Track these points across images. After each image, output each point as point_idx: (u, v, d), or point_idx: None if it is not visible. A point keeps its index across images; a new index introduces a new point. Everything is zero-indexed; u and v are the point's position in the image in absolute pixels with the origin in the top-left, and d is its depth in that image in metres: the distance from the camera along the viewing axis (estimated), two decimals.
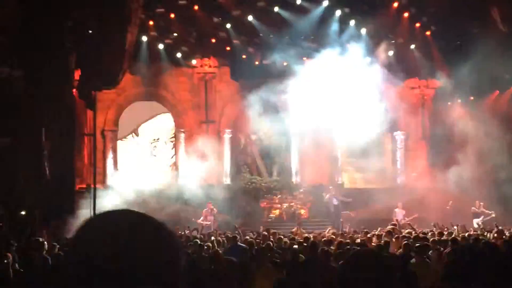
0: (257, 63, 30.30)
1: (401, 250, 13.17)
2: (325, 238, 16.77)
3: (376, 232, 19.99)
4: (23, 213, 21.10)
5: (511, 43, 24.27)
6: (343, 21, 29.22)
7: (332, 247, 13.71)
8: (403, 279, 8.98)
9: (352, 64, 29.75)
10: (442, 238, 15.83)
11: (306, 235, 19.12)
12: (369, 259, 3.18)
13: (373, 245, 15.07)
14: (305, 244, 14.64)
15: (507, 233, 17.17)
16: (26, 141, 21.57)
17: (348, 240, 16.20)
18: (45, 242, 13.71)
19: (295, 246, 14.15)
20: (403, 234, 17.86)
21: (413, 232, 18.74)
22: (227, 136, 32.36)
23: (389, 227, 20.64)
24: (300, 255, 12.89)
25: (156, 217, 1.72)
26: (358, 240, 15.79)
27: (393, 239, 16.27)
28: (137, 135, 32.78)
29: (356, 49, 29.71)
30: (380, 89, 30.26)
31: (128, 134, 32.69)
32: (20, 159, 21.37)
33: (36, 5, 21.42)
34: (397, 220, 26.31)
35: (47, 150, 22.29)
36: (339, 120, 31.63)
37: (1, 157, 21.15)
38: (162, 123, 33.11)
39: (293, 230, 22.42)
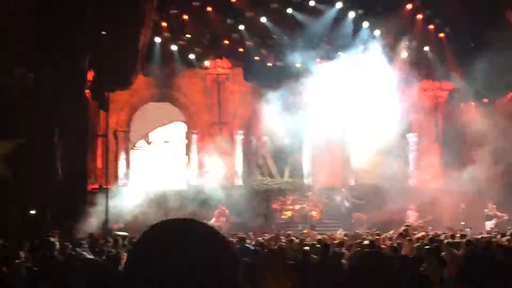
0: (270, 64, 30.28)
1: (413, 252, 13.14)
2: (336, 240, 16.78)
3: (389, 234, 19.94)
4: (33, 212, 21.20)
5: None
6: (357, 23, 29.19)
7: (343, 249, 13.70)
8: (415, 281, 8.96)
9: (366, 66, 29.72)
10: (456, 241, 15.77)
11: (318, 237, 19.11)
12: (377, 260, 3.17)
13: (385, 247, 15.00)
14: (317, 245, 14.63)
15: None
16: (40, 141, 21.66)
17: (359, 241, 16.18)
18: (57, 242, 13.76)
19: (306, 248, 14.12)
20: (416, 236, 17.83)
21: (426, 234, 18.70)
22: (239, 137, 32.38)
23: (402, 229, 20.59)
24: (312, 255, 12.89)
25: (167, 217, 1.73)
26: (366, 242, 15.73)
27: (406, 242, 16.22)
28: (148, 142, 32.91)
29: (370, 51, 29.67)
30: (394, 91, 30.19)
31: (141, 138, 32.83)
32: (34, 159, 21.47)
33: (51, 7, 21.52)
34: (409, 222, 26.28)
35: (60, 150, 22.39)
36: (352, 122, 31.65)
37: (16, 157, 21.25)
38: (175, 126, 33.20)
39: (305, 231, 22.37)
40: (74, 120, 22.89)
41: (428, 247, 12.92)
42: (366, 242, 15.62)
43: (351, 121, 31.96)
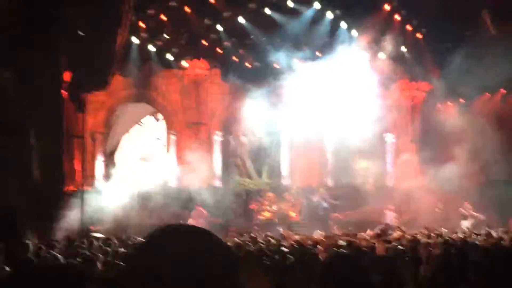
0: (248, 65, 30.26)
1: (389, 252, 13.18)
2: (310, 241, 16.79)
3: (365, 235, 20.00)
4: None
5: (501, 46, 24.33)
6: (334, 24, 29.26)
7: (319, 248, 13.71)
8: (389, 281, 8.97)
9: (343, 67, 29.81)
10: (431, 241, 15.84)
11: (296, 237, 19.12)
12: (351, 261, 3.17)
13: (361, 247, 14.99)
14: (295, 246, 14.65)
15: (495, 235, 17.20)
16: (15, 142, 21.46)
17: (335, 242, 16.20)
18: (30, 244, 13.61)
19: (283, 249, 14.11)
20: (393, 236, 17.91)
21: (402, 234, 18.78)
22: (217, 138, 32.34)
23: (378, 229, 20.70)
24: (289, 256, 12.88)
25: (145, 220, 1.74)
26: (342, 242, 15.77)
27: (382, 242, 16.27)
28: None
29: (347, 52, 29.76)
30: (371, 91, 30.32)
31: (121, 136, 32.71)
32: (8, 161, 21.27)
33: (27, 6, 21.34)
34: (387, 223, 26.41)
35: (36, 152, 22.21)
36: (329, 122, 31.72)
37: None
38: (153, 126, 33.12)
39: (282, 232, 22.38)
40: (50, 121, 22.71)
41: (404, 247, 12.98)
42: (341, 242, 15.65)
43: (329, 121, 32.03)
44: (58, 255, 12.66)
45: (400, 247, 13.61)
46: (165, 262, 1.59)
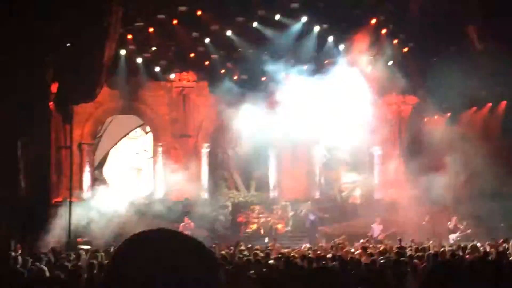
0: (235, 78, 30.33)
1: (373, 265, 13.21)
2: (297, 254, 16.82)
3: (350, 248, 20.03)
4: None
5: (487, 60, 24.50)
6: (322, 37, 29.34)
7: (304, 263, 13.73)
8: None
9: (330, 80, 29.91)
10: (418, 254, 15.89)
11: (282, 250, 19.13)
12: (333, 275, 3.20)
13: (346, 260, 14.99)
14: (282, 259, 14.67)
15: (481, 249, 17.26)
16: (2, 154, 21.40)
17: (321, 255, 16.22)
18: (19, 257, 13.56)
19: (271, 262, 14.12)
20: (378, 250, 17.93)
21: (389, 247, 18.83)
22: (205, 150, 32.32)
23: (360, 243, 20.80)
24: (276, 269, 12.89)
25: (132, 232, 1.73)
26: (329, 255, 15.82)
27: (366, 255, 16.30)
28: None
29: (334, 65, 29.88)
30: (358, 105, 30.41)
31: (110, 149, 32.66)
32: None
33: (15, 17, 21.32)
34: (371, 235, 26.49)
35: (23, 163, 22.14)
36: (317, 135, 31.80)
37: None
38: (141, 138, 33.09)
39: (270, 244, 22.35)
40: (37, 133, 22.67)
41: (389, 260, 13.02)
42: (328, 255, 15.70)
43: (317, 135, 32.11)
44: (44, 267, 12.61)
45: (384, 260, 13.63)
46: (141, 267, 1.59)
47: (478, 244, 18.98)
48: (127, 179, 32.16)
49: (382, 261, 13.69)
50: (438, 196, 26.93)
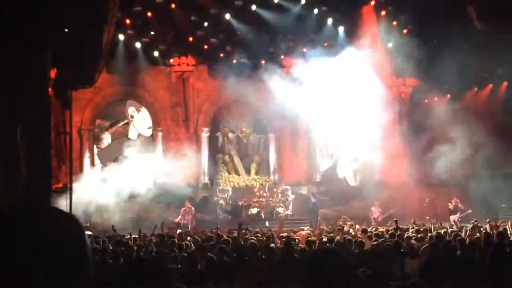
0: (234, 61, 30.23)
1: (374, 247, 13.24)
2: (298, 237, 16.84)
3: (351, 230, 20.04)
4: None
5: (487, 41, 24.41)
6: (321, 20, 29.21)
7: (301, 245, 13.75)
8: (375, 275, 9.01)
9: (329, 63, 29.84)
10: (419, 235, 15.90)
11: (283, 233, 19.14)
12: (335, 256, 3.18)
13: (344, 242, 14.97)
14: (283, 242, 14.69)
15: (482, 230, 17.26)
16: (1, 140, 21.35)
17: (322, 237, 16.23)
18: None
19: (272, 245, 14.13)
20: (379, 231, 17.96)
21: (388, 228, 18.85)
22: (205, 135, 32.33)
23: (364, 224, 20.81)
24: (277, 252, 12.92)
25: (133, 216, 1.74)
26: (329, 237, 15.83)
27: (366, 237, 16.32)
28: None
29: (334, 48, 29.80)
30: (357, 87, 30.36)
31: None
32: None
33: (13, 2, 21.21)
34: (374, 218, 26.53)
35: (23, 149, 22.10)
36: (316, 118, 31.78)
37: None
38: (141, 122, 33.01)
39: (275, 229, 22.30)
40: (37, 118, 22.60)
41: (390, 241, 13.04)
42: (328, 237, 15.71)
43: (316, 117, 32.09)
44: None
45: (387, 242, 13.64)
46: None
47: (479, 225, 18.99)
48: (126, 164, 32.10)
49: (375, 242, 13.71)
50: (439, 177, 26.94)
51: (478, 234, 15.95)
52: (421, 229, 17.99)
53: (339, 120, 32.30)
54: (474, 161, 27.15)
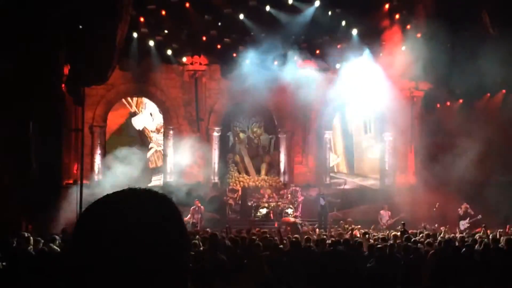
0: (247, 61, 30.22)
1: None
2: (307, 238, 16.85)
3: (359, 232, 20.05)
4: None
5: (501, 46, 24.30)
6: (334, 22, 29.15)
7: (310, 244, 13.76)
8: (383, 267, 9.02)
9: (342, 65, 29.84)
10: (428, 240, 15.86)
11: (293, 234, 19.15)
12: (341, 258, 3.21)
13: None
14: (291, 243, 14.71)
15: (491, 236, 17.21)
16: (14, 135, 21.48)
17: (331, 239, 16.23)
18: (31, 237, 13.63)
19: (280, 246, 14.15)
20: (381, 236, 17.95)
21: (397, 233, 18.83)
22: (216, 134, 32.36)
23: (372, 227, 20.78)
24: (285, 253, 12.94)
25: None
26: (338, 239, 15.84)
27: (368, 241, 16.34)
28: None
29: (347, 50, 29.75)
30: (370, 90, 30.34)
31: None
32: (7, 153, 21.28)
33: (27, 0, 21.32)
34: (383, 223, 26.47)
35: (35, 145, 22.22)
36: (328, 120, 31.79)
37: None
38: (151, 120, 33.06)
39: (281, 229, 22.30)
40: (49, 115, 22.71)
41: (399, 245, 13.04)
42: (337, 239, 15.71)
43: (328, 120, 32.12)
44: (56, 247, 12.69)
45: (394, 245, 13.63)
46: (105, 223, 1.56)
47: (488, 231, 18.95)
48: (137, 162, 32.17)
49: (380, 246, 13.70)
50: (449, 182, 26.84)
51: (486, 240, 15.90)
52: (430, 234, 17.97)
53: (350, 122, 32.33)
54: (485, 167, 27.03)
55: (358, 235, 19.21)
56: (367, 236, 17.94)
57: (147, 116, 32.83)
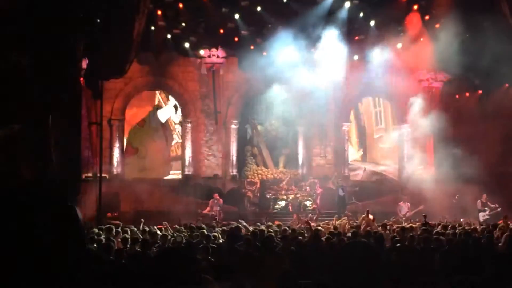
0: (265, 54, 30.17)
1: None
2: (328, 229, 16.84)
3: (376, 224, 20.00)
4: None
5: None
6: (352, 13, 29.01)
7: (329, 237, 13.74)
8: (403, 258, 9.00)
9: (360, 56, 29.73)
10: (449, 231, 15.79)
11: (313, 224, 19.12)
12: (362, 250, 3.20)
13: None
14: (312, 234, 14.72)
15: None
16: (33, 129, 21.58)
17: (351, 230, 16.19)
18: None
19: (300, 238, 14.14)
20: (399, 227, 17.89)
21: (416, 224, 18.79)
22: (234, 127, 32.35)
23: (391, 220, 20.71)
24: (305, 244, 12.94)
25: (159, 208, 1.72)
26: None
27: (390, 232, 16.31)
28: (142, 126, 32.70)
29: (365, 42, 29.64)
30: (388, 82, 30.23)
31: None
32: (26, 147, 21.39)
33: None
34: (403, 214, 26.35)
35: (55, 138, 22.31)
36: (346, 112, 31.72)
37: (11, 143, 21.14)
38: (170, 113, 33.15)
39: (305, 219, 22.25)
40: (68, 108, 22.80)
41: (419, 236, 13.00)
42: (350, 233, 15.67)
43: (346, 112, 32.05)
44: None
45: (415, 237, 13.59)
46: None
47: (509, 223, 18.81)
48: (156, 155, 32.28)
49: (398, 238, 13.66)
50: (468, 174, 26.71)
51: (507, 232, 15.79)
52: (451, 225, 17.88)
53: (368, 114, 32.25)
54: (504, 158, 26.89)
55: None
56: (387, 227, 17.87)
57: (171, 108, 32.93)
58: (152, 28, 28.48)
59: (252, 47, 30.27)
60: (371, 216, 20.92)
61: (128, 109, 31.73)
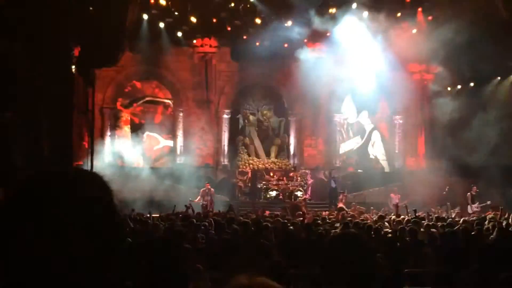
0: (257, 44, 30.13)
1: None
2: (318, 220, 16.88)
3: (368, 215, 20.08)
4: None
5: None
6: (345, 4, 28.98)
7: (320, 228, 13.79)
8: (391, 260, 9.03)
9: (353, 47, 29.70)
10: (438, 223, 15.86)
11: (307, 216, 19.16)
12: (353, 242, 3.22)
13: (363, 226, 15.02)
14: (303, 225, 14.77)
15: (503, 221, 17.18)
16: (24, 117, 21.52)
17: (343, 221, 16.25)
18: None
19: (291, 227, 14.19)
20: (394, 217, 17.96)
21: (405, 215, 18.84)
22: (225, 116, 32.35)
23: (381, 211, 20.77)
24: (296, 235, 12.98)
25: (150, 196, 1.73)
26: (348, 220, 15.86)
27: (384, 223, 16.37)
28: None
29: (357, 33, 29.61)
30: (380, 73, 30.25)
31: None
32: (18, 135, 21.33)
33: None
34: (394, 204, 26.41)
35: (45, 126, 22.26)
36: (338, 103, 31.74)
37: (3, 131, 21.08)
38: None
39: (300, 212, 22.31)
40: (60, 96, 22.73)
41: (406, 228, 13.06)
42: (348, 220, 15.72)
43: (338, 103, 32.06)
44: None
45: (402, 228, 13.64)
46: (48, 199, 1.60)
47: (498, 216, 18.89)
48: (147, 144, 32.23)
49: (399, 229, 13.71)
50: (459, 166, 26.80)
51: (496, 225, 15.86)
52: (440, 217, 17.96)
53: (360, 105, 32.27)
54: (495, 151, 26.95)
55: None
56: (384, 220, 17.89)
57: None
58: (145, 17, 28.40)
59: (245, 37, 30.22)
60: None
61: None
